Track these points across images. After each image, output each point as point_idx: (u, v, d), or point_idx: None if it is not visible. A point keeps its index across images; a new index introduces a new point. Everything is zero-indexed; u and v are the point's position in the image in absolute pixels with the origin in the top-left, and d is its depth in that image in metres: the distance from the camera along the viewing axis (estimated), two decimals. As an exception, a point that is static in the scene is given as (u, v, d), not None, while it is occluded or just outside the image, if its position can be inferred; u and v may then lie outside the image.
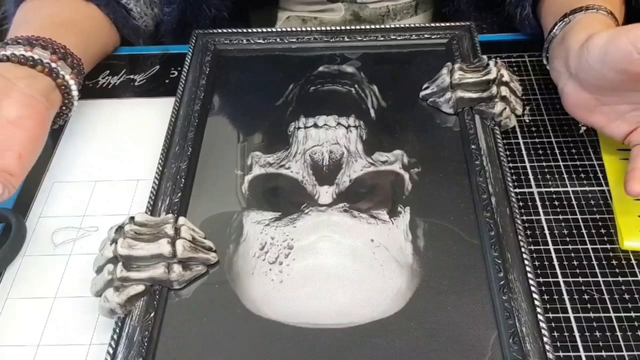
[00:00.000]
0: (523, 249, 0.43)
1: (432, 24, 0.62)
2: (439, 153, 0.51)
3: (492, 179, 0.47)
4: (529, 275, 0.41)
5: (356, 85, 0.57)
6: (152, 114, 0.58)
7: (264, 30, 0.63)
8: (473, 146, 0.50)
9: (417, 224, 0.46)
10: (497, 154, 0.49)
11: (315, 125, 0.53)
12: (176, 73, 0.62)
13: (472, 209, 0.46)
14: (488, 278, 0.42)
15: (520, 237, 0.43)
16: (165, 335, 0.41)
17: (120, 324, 0.41)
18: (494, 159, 0.49)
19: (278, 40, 0.62)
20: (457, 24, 0.62)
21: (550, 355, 0.38)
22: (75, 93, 0.53)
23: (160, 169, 0.50)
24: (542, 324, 0.39)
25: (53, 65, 0.51)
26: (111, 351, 0.39)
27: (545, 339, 0.38)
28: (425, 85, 0.56)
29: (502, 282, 0.41)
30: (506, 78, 0.52)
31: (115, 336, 0.40)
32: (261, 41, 0.62)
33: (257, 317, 0.41)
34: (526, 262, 0.42)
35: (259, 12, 0.73)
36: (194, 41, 0.62)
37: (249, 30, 0.63)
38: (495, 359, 0.38)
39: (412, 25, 0.62)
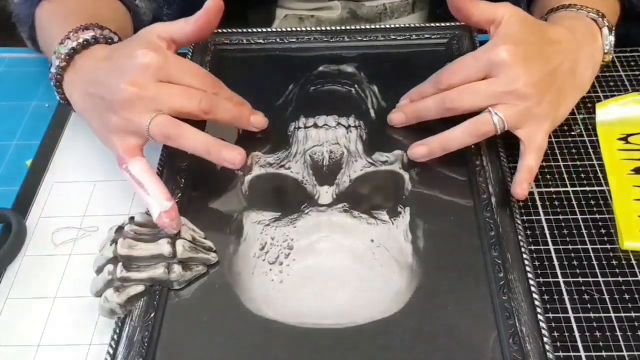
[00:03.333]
0: (523, 249, 0.43)
1: (432, 24, 0.62)
2: None
3: (492, 179, 0.47)
4: (529, 275, 0.41)
5: (356, 85, 0.57)
6: None
7: (264, 30, 0.63)
8: (473, 146, 0.50)
9: (417, 224, 0.46)
10: (497, 154, 0.49)
11: (315, 125, 0.53)
12: None
13: (472, 209, 0.46)
14: (488, 278, 0.42)
15: (520, 237, 0.43)
16: (165, 336, 0.41)
17: (120, 324, 0.41)
18: (494, 159, 0.49)
19: (278, 40, 0.62)
20: (457, 24, 0.62)
21: (550, 355, 0.38)
22: None
23: (160, 169, 0.50)
24: (542, 324, 0.39)
25: None
26: (111, 351, 0.40)
27: (545, 339, 0.38)
28: (425, 85, 0.56)
29: (502, 282, 0.41)
30: (506, 78, 0.52)
31: (115, 336, 0.40)
32: (261, 41, 0.62)
33: (257, 317, 0.41)
34: (526, 262, 0.42)
35: (256, 10, 0.73)
36: (193, 41, 0.62)
37: (249, 30, 0.63)
38: (495, 358, 0.38)
39: (412, 25, 0.62)
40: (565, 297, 0.43)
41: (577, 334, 0.41)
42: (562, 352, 0.40)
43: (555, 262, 0.44)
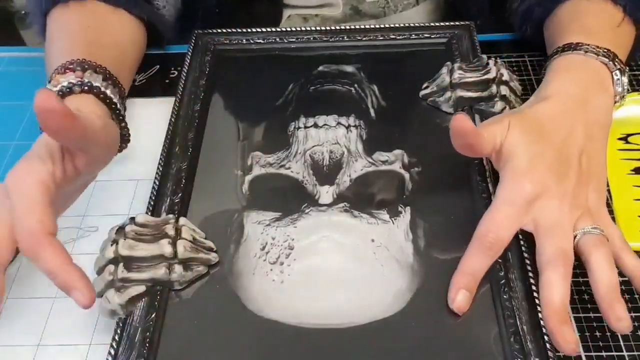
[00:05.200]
0: (523, 248, 0.43)
1: (432, 24, 0.62)
2: (439, 152, 0.51)
3: (492, 178, 0.47)
4: (530, 274, 0.41)
5: (356, 85, 0.57)
6: (151, 114, 0.58)
7: (264, 30, 0.63)
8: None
9: (417, 224, 0.46)
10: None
11: (315, 125, 0.53)
12: (176, 73, 0.62)
13: (472, 209, 0.46)
14: (489, 277, 0.42)
15: (520, 237, 0.43)
16: (166, 336, 0.41)
17: (121, 325, 0.41)
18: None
19: (278, 40, 0.62)
20: (457, 23, 0.62)
21: (550, 354, 0.38)
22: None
23: (161, 169, 0.50)
24: (542, 322, 0.39)
25: (114, 98, 0.49)
26: (112, 352, 0.40)
27: (545, 338, 0.38)
28: (425, 85, 0.56)
29: (502, 282, 0.41)
30: (506, 77, 0.52)
31: (116, 337, 0.40)
32: (261, 41, 0.62)
33: (258, 317, 0.41)
34: (527, 261, 0.42)
35: (263, 7, 0.73)
36: (193, 41, 0.62)
37: (249, 30, 0.63)
38: (496, 357, 0.38)
39: (412, 25, 0.62)
40: (566, 297, 0.43)
41: (577, 334, 0.41)
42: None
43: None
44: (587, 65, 0.48)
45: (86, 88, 0.48)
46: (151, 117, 0.58)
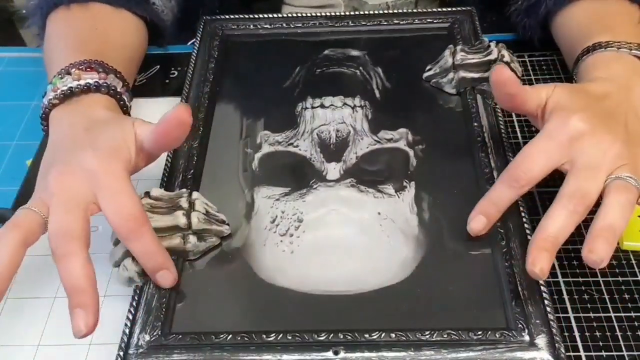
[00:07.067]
0: (524, 219, 0.44)
1: (435, 9, 0.64)
2: (443, 131, 0.53)
3: (494, 154, 0.49)
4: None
5: (361, 68, 0.59)
6: (152, 114, 0.57)
7: (270, 16, 0.64)
8: (475, 124, 0.52)
9: (422, 198, 0.48)
10: (498, 131, 0.51)
11: (322, 106, 0.55)
12: (176, 73, 0.63)
13: (475, 183, 0.48)
14: (491, 246, 0.44)
15: (521, 208, 0.45)
16: (181, 302, 0.42)
17: (138, 292, 0.42)
18: (496, 135, 0.51)
19: (284, 25, 0.64)
20: (459, 9, 0.63)
21: (550, 316, 0.39)
22: None
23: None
24: (543, 288, 0.41)
25: (129, 105, 0.52)
26: (130, 317, 0.41)
27: (545, 302, 0.40)
28: (428, 67, 0.57)
29: (504, 250, 0.43)
30: (507, 58, 0.54)
31: (134, 303, 0.42)
32: (268, 26, 0.64)
33: (269, 285, 0.43)
34: (527, 231, 0.44)
35: (264, 6, 0.74)
36: (202, 27, 0.64)
37: (256, 16, 0.64)
38: (498, 321, 0.40)
39: (415, 11, 0.64)
40: (565, 297, 0.43)
41: (577, 334, 0.41)
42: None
43: (555, 262, 0.45)
44: (623, 60, 0.48)
45: (112, 92, 0.50)
46: (151, 117, 0.56)
